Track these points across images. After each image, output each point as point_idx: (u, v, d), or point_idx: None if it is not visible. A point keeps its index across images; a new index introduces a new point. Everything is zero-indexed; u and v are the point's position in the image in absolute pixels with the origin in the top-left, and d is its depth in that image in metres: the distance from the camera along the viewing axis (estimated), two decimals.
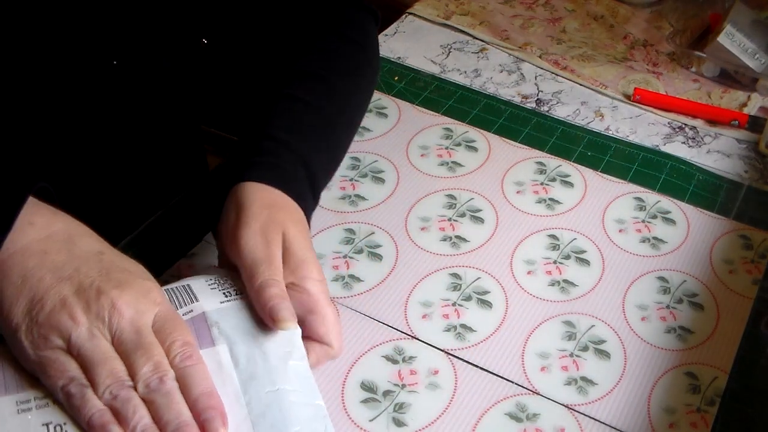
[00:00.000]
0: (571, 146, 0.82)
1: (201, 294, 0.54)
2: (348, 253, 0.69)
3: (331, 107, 0.68)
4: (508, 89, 0.91)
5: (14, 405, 0.47)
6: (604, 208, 0.74)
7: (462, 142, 0.81)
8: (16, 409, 0.47)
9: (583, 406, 0.57)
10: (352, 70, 0.73)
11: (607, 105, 0.89)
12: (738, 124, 0.85)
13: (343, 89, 0.71)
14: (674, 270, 0.68)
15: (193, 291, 0.54)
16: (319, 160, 0.64)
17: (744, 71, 0.91)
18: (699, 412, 0.57)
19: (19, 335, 0.47)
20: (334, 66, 0.71)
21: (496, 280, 0.67)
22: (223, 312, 0.53)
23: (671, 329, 0.63)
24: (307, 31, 0.74)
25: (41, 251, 0.49)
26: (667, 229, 0.72)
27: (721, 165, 0.80)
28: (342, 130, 0.70)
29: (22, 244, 0.48)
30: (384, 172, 0.77)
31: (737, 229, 0.72)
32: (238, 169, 0.60)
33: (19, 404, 0.47)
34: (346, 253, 0.69)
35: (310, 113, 0.67)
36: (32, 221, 0.50)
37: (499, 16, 1.04)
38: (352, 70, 0.73)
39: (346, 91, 0.71)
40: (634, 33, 1.02)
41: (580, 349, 0.62)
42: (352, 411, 0.57)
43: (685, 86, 0.92)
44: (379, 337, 0.62)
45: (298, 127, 0.64)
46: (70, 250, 0.49)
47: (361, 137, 0.81)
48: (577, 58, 0.96)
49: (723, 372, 0.60)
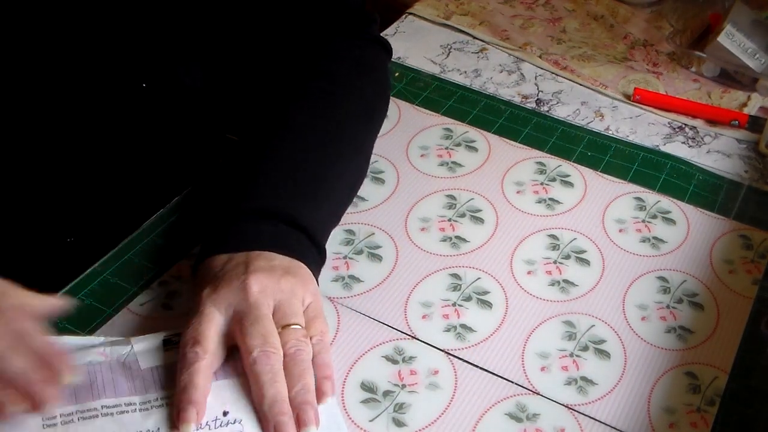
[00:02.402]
0: (571, 146, 0.82)
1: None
2: (348, 254, 0.69)
3: (336, 143, 0.68)
4: (508, 89, 0.91)
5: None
6: (604, 208, 0.74)
7: (462, 142, 0.81)
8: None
9: (583, 406, 0.57)
10: (362, 103, 0.73)
11: (607, 105, 0.89)
12: (738, 124, 0.85)
13: (351, 121, 0.71)
14: (674, 270, 0.68)
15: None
16: (319, 217, 0.64)
17: (744, 71, 0.91)
18: (699, 412, 0.57)
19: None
20: (342, 96, 0.72)
21: (496, 280, 0.67)
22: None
23: (671, 329, 0.63)
24: (316, 57, 0.74)
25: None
26: (667, 229, 0.72)
27: (721, 165, 0.80)
28: (344, 169, 0.69)
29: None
30: (384, 173, 0.77)
31: (737, 229, 0.72)
32: (225, 236, 0.60)
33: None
34: (346, 254, 0.69)
35: (308, 157, 0.66)
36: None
37: (499, 16, 1.04)
38: (362, 103, 0.73)
39: (354, 120, 0.71)
40: (634, 33, 1.02)
41: (580, 349, 0.61)
42: (352, 411, 0.57)
43: (685, 86, 0.92)
44: (378, 338, 0.62)
45: (292, 181, 0.64)
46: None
47: None
48: (577, 58, 0.96)
49: (723, 372, 0.60)
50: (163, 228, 0.71)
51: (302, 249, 0.60)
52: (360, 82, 0.74)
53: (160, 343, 0.58)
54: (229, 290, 0.56)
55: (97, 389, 0.54)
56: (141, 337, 0.58)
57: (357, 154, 0.71)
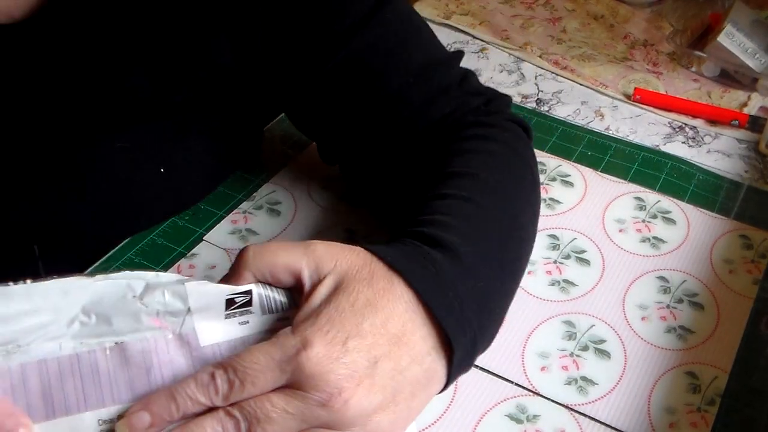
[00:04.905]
0: (572, 146, 0.82)
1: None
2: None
3: (503, 213, 0.57)
4: (508, 89, 0.90)
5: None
6: (605, 207, 0.74)
7: None
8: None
9: (583, 405, 0.57)
10: (517, 180, 0.61)
11: (607, 105, 0.89)
12: (738, 124, 0.85)
13: (511, 195, 0.59)
14: (674, 270, 0.68)
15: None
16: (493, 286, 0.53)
17: (744, 71, 0.91)
18: (699, 411, 0.57)
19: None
20: (495, 170, 0.60)
21: None
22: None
23: (671, 329, 0.63)
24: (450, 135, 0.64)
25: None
26: (667, 228, 0.72)
27: (721, 165, 0.80)
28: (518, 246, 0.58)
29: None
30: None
31: (737, 228, 0.72)
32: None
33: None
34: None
35: (482, 218, 0.55)
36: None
37: (499, 16, 1.04)
38: (517, 180, 0.61)
39: (515, 197, 0.59)
40: (634, 33, 1.02)
41: (580, 348, 0.61)
42: None
43: (686, 86, 0.92)
44: None
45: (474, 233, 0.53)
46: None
47: None
48: (577, 58, 0.96)
49: (723, 372, 0.60)
50: (163, 228, 0.71)
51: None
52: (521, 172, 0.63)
53: (222, 305, 0.47)
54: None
55: (155, 379, 0.45)
56: (198, 290, 0.46)
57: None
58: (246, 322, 0.47)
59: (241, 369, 0.43)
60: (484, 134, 0.62)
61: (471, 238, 0.52)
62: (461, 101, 0.65)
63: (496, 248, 0.54)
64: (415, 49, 0.66)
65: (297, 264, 0.47)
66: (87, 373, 0.45)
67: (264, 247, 0.48)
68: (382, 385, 0.45)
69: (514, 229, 0.57)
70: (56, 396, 0.44)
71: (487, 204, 0.56)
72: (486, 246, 0.53)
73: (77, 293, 0.45)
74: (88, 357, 0.45)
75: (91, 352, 0.45)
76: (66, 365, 0.44)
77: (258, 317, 0.47)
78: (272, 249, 0.47)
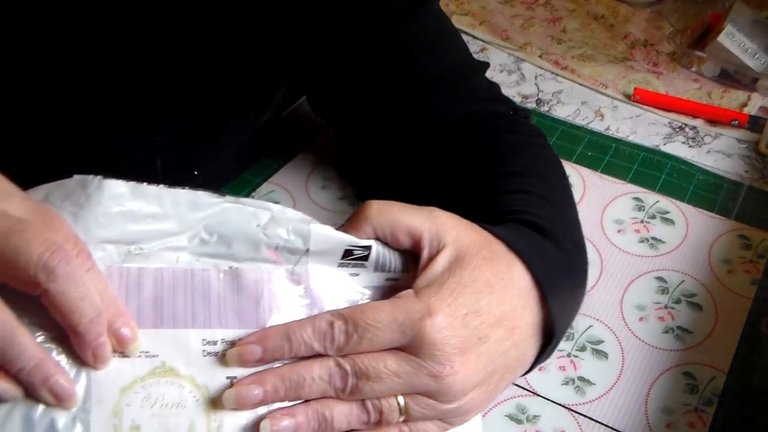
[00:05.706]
0: (572, 146, 0.82)
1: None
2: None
3: (576, 217, 0.60)
4: (508, 89, 0.90)
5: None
6: (603, 208, 0.74)
7: None
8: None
9: (580, 405, 0.58)
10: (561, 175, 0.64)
11: (608, 105, 0.89)
12: (738, 124, 0.85)
13: (570, 199, 0.62)
14: (673, 270, 0.68)
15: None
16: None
17: (744, 71, 0.91)
18: (697, 411, 0.57)
19: None
20: (553, 175, 0.62)
21: None
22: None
23: (669, 329, 0.63)
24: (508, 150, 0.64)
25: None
26: (665, 229, 0.72)
27: (722, 165, 0.80)
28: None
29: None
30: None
31: (736, 228, 0.72)
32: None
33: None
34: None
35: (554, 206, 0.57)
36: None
37: (499, 16, 1.04)
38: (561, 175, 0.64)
39: (573, 201, 0.62)
40: (634, 33, 1.02)
41: (577, 349, 0.62)
42: None
43: (686, 86, 0.92)
44: None
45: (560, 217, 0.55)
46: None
47: None
48: (578, 58, 0.96)
49: (721, 372, 0.60)
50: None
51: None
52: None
53: (339, 253, 0.46)
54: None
55: (263, 310, 0.45)
56: (321, 233, 0.46)
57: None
58: (357, 274, 0.48)
59: (363, 324, 0.43)
60: (527, 141, 0.65)
61: (569, 239, 0.55)
62: (489, 105, 0.67)
63: (580, 251, 0.57)
64: (451, 47, 0.68)
65: (419, 227, 0.47)
66: (198, 290, 0.44)
67: (389, 205, 0.48)
68: (485, 365, 0.46)
69: (581, 234, 0.59)
70: (166, 307, 0.44)
71: (565, 207, 0.59)
72: (576, 249, 0.56)
73: (204, 209, 0.45)
74: (201, 275, 0.45)
75: (205, 270, 0.45)
76: (180, 278, 0.44)
77: (369, 273, 0.48)
78: (397, 208, 0.48)
